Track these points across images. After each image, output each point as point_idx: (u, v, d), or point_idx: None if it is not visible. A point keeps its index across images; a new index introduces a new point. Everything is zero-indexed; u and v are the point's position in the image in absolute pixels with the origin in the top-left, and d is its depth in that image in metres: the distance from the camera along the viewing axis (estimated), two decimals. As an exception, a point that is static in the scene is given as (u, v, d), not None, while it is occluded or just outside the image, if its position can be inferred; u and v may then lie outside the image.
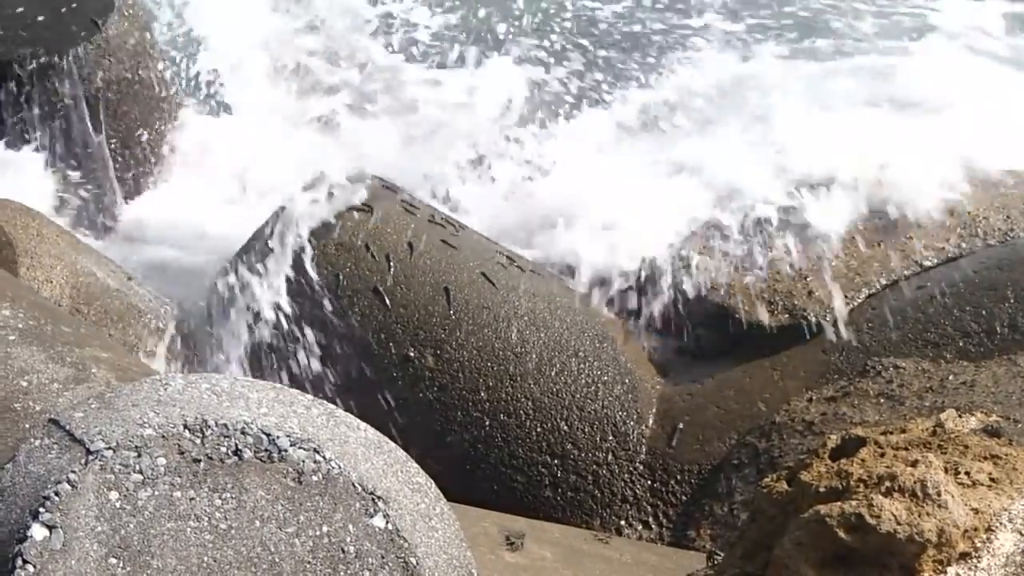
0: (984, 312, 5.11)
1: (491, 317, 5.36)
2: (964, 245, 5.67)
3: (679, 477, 5.27)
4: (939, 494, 2.57)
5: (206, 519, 2.39)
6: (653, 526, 5.22)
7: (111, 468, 2.38)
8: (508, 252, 5.93)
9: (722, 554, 3.98)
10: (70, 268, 5.64)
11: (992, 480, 2.74)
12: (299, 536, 2.43)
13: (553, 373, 5.33)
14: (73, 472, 2.36)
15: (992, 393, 4.71)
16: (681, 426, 5.37)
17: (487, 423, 5.22)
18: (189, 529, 2.37)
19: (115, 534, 2.32)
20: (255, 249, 5.68)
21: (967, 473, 2.74)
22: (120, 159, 7.40)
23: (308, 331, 5.39)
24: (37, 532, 2.29)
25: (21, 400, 3.43)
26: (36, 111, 7.01)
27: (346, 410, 2.85)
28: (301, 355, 5.42)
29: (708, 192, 6.32)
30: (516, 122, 8.13)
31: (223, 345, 5.84)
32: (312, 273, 5.40)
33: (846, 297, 5.53)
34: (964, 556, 2.58)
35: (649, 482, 5.29)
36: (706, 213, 6.14)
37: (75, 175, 7.25)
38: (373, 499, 2.53)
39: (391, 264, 5.40)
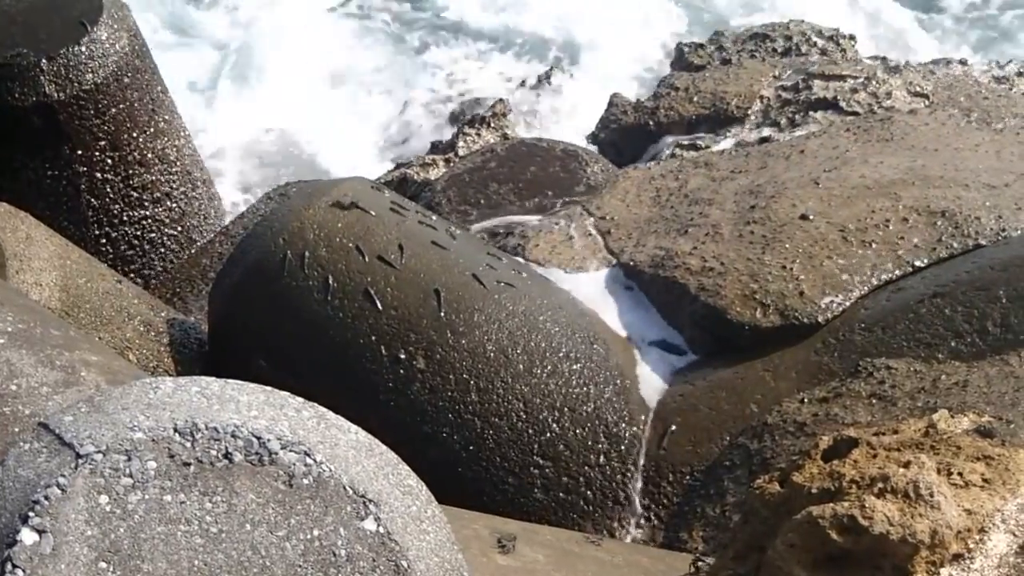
0: (976, 312, 5.11)
1: (482, 319, 5.35)
2: (956, 245, 5.67)
3: (671, 478, 5.27)
4: (932, 495, 2.57)
5: (196, 523, 2.38)
6: (645, 527, 5.22)
7: (101, 472, 2.37)
8: (499, 253, 5.93)
9: (706, 561, 3.98)
10: (59, 271, 5.62)
11: (985, 481, 2.74)
12: (290, 539, 2.42)
13: (544, 375, 5.32)
14: (63, 476, 2.35)
15: (984, 394, 4.72)
16: (673, 427, 5.38)
17: (478, 425, 5.21)
18: (179, 533, 2.36)
19: (105, 538, 2.31)
20: (246, 252, 5.68)
21: (960, 474, 2.74)
22: (109, 160, 7.40)
23: (299, 333, 5.39)
24: (27, 536, 2.28)
25: (10, 404, 3.43)
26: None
27: (336, 413, 2.84)
28: (291, 357, 5.41)
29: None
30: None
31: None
32: (303, 276, 5.38)
33: (838, 298, 5.53)
34: (957, 557, 2.58)
35: (641, 484, 5.29)
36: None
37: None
38: (364, 502, 2.53)
39: (381, 266, 5.39)
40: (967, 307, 5.16)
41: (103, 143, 7.32)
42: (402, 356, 5.27)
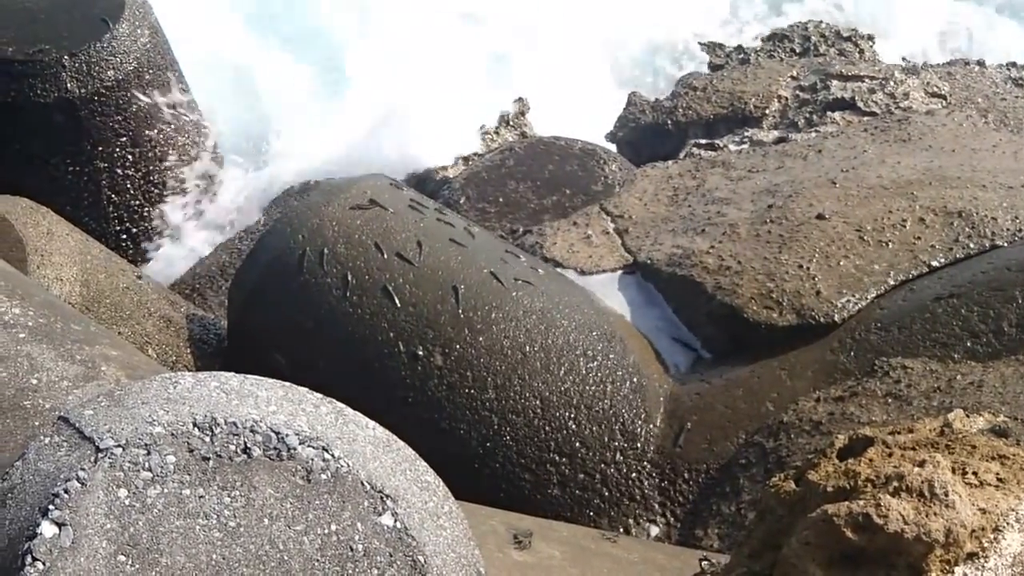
0: (992, 312, 5.11)
1: (500, 316, 5.36)
2: (972, 246, 5.67)
3: (687, 476, 5.28)
4: (946, 494, 2.58)
5: (215, 517, 2.39)
6: (661, 525, 5.23)
7: (120, 466, 2.39)
8: (517, 251, 5.94)
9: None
10: (80, 266, 5.65)
11: (999, 480, 2.74)
12: (308, 534, 2.44)
13: (561, 372, 5.33)
14: (83, 470, 2.37)
15: (1000, 393, 4.72)
16: (689, 425, 5.38)
17: (495, 422, 5.22)
18: (198, 527, 2.38)
19: (124, 531, 2.33)
20: (266, 249, 5.70)
21: (974, 473, 2.75)
22: (130, 156, 7.43)
23: (318, 330, 5.40)
24: (47, 529, 2.30)
25: (31, 398, 3.45)
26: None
27: (354, 408, 2.85)
28: (310, 353, 5.43)
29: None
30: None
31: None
32: (322, 273, 5.40)
33: (854, 297, 5.53)
34: (971, 556, 2.59)
35: (657, 481, 5.29)
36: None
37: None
38: (381, 497, 2.54)
39: (400, 263, 5.41)
40: (983, 307, 5.16)
41: (124, 139, 7.35)
42: (420, 353, 5.28)
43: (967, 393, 4.81)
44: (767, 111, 8.15)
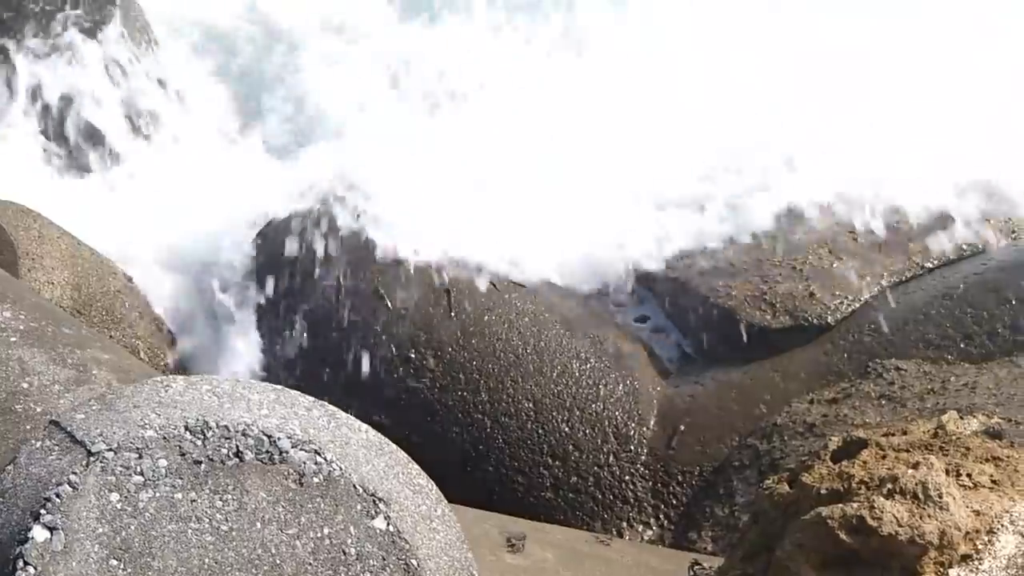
0: (986, 314, 5.11)
1: (492, 318, 5.35)
2: (966, 248, 5.67)
3: (680, 479, 5.27)
4: (940, 496, 2.57)
5: (207, 520, 2.38)
6: (654, 528, 5.22)
7: (112, 470, 2.38)
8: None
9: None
10: (71, 270, 5.64)
11: (993, 482, 2.73)
12: (300, 538, 2.43)
13: (554, 375, 5.33)
14: (74, 474, 2.36)
15: (994, 395, 4.71)
16: (682, 428, 5.38)
17: (488, 424, 5.22)
18: (190, 530, 2.37)
19: (116, 536, 2.32)
20: (259, 251, 5.70)
21: (968, 475, 2.74)
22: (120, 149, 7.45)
23: (310, 333, 5.40)
24: (38, 534, 2.29)
25: (22, 402, 3.43)
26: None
27: (347, 412, 2.85)
28: (302, 357, 5.42)
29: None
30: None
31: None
32: (315, 276, 5.40)
33: (848, 299, 5.53)
34: (965, 558, 2.58)
35: (650, 484, 5.29)
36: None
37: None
38: (374, 501, 2.53)
39: (393, 265, 5.40)
40: (977, 309, 5.16)
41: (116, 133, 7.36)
42: (412, 355, 5.28)
43: (961, 394, 4.81)
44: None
